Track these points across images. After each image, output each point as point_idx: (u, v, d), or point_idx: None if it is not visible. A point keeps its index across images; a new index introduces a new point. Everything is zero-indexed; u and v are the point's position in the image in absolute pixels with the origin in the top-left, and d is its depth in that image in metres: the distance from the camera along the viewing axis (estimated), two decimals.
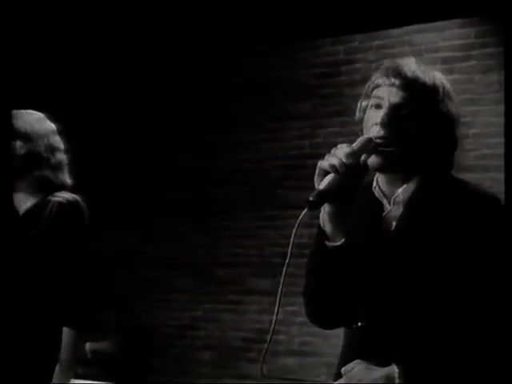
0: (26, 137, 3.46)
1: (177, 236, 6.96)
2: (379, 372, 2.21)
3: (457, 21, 5.80)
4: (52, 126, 3.55)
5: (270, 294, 6.18)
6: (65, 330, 3.31)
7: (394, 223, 2.34)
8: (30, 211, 3.46)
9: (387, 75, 2.31)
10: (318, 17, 5.90)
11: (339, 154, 2.21)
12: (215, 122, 6.89)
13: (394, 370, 2.19)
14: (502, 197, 4.59)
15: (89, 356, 6.34)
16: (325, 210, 2.25)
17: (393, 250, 2.31)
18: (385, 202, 2.37)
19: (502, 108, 5.59)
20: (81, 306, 3.35)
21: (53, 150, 3.48)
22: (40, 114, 3.58)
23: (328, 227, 2.27)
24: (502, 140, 5.56)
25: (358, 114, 2.37)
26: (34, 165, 3.45)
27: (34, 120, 3.54)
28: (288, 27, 6.19)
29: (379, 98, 2.31)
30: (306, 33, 6.24)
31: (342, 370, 2.23)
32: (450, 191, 2.32)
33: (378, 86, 2.33)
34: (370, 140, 2.25)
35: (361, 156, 2.23)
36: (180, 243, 6.93)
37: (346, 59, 6.31)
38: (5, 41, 4.12)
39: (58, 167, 3.49)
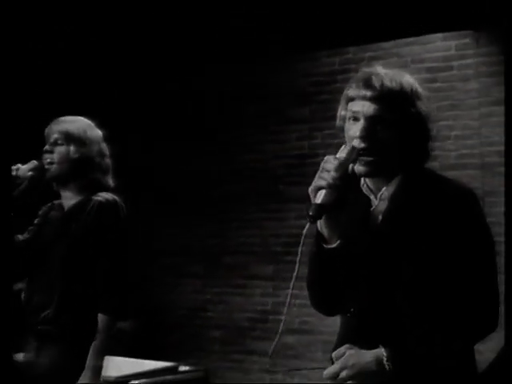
0: (81, 142, 3.56)
1: (189, 227, 7.17)
2: (369, 355, 2.31)
3: (439, 35, 5.92)
4: (100, 132, 3.67)
5: (272, 279, 6.67)
6: (100, 316, 3.38)
7: (379, 217, 2.44)
8: (74, 207, 3.58)
9: (359, 87, 2.40)
10: (316, 31, 5.99)
11: (329, 167, 2.32)
12: (226, 125, 7.04)
13: (381, 352, 2.30)
14: (478, 192, 4.92)
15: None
16: (323, 219, 2.37)
17: (379, 242, 2.41)
18: (372, 197, 2.48)
19: (477, 112, 5.75)
20: (116, 295, 3.44)
21: (102, 155, 3.62)
22: (89, 121, 3.68)
23: (325, 231, 2.38)
24: (478, 141, 5.73)
25: (338, 122, 2.46)
26: (87, 168, 3.57)
27: (87, 126, 3.64)
28: (290, 40, 6.27)
29: (355, 112, 2.40)
30: (305, 45, 6.35)
31: (333, 354, 2.36)
32: (430, 186, 2.43)
33: (352, 99, 2.41)
34: (353, 149, 2.36)
35: (348, 165, 2.34)
36: (192, 233, 7.16)
37: (340, 69, 6.42)
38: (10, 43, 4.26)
39: (106, 171, 3.63)
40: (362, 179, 2.47)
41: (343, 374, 2.30)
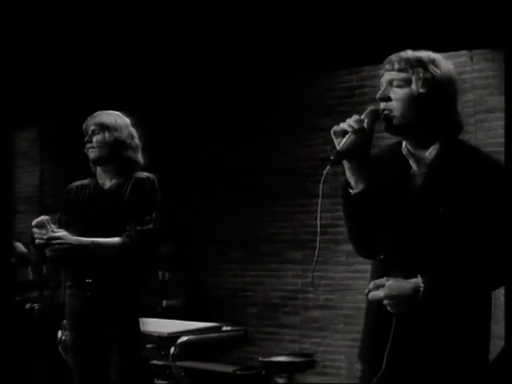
0: (113, 127, 3.87)
1: (230, 218, 7.60)
2: (407, 283, 2.38)
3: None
4: (128, 120, 3.96)
5: (301, 263, 7.08)
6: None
7: (421, 180, 2.52)
8: (116, 185, 3.86)
9: (384, 65, 2.56)
10: (337, 53, 6.11)
11: (349, 121, 2.44)
12: (264, 132, 7.37)
13: (419, 281, 2.37)
14: None
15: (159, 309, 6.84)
16: (347, 166, 2.47)
17: (419, 196, 2.49)
18: (411, 161, 2.56)
19: (473, 119, 6.04)
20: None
21: (132, 137, 3.92)
22: (118, 112, 3.98)
23: (351, 179, 2.48)
24: (475, 143, 5.48)
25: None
26: (121, 148, 3.86)
27: (117, 115, 3.94)
28: (315, 60, 6.39)
29: (381, 83, 2.55)
30: (328, 65, 6.54)
31: (372, 283, 2.44)
32: (466, 154, 2.51)
33: (381, 76, 2.56)
34: (373, 109, 2.48)
35: (365, 122, 2.44)
36: (233, 224, 7.58)
37: (358, 85, 6.74)
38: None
39: (136, 149, 3.92)
40: (403, 144, 2.58)
41: (386, 301, 2.40)
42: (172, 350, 4.48)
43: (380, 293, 2.39)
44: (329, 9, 5.61)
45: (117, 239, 3.70)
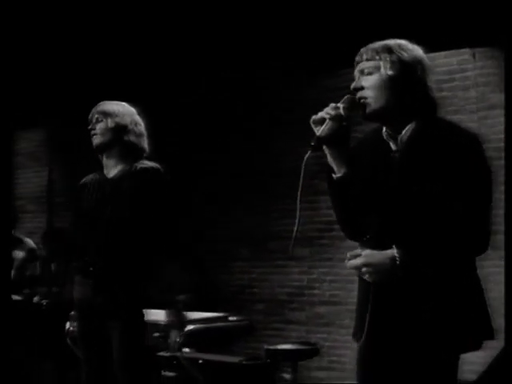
0: (115, 114, 3.90)
1: (239, 217, 7.66)
2: (383, 253, 2.47)
3: (443, 53, 6.24)
4: (133, 109, 4.00)
5: (307, 260, 7.13)
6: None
7: (398, 158, 2.61)
8: (118, 174, 3.87)
9: (355, 59, 2.67)
10: (337, 53, 5.85)
11: (327, 109, 2.57)
12: (270, 132, 7.39)
13: (394, 251, 2.46)
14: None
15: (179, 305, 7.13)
16: (327, 151, 2.60)
17: (398, 174, 2.57)
18: (391, 142, 2.65)
19: (476, 116, 6.11)
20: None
21: (136, 123, 3.93)
22: (124, 102, 4.01)
23: (333, 164, 2.61)
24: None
25: None
26: (122, 133, 3.88)
27: (120, 105, 3.99)
28: (315, 60, 6.44)
29: (354, 76, 2.67)
30: (328, 65, 6.51)
31: (348, 254, 2.52)
32: (441, 129, 2.57)
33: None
34: (349, 97, 2.60)
35: (341, 108, 2.55)
36: (241, 222, 7.64)
37: None
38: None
39: (140, 135, 3.93)
40: (383, 128, 2.66)
41: (364, 269, 2.49)
42: (178, 338, 4.50)
43: (357, 261, 2.48)
44: (329, 8, 5.66)
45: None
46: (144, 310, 3.84)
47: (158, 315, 4.36)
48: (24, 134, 10.04)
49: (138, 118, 3.96)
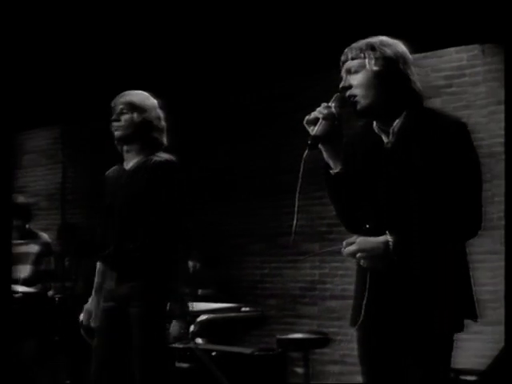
0: (142, 109, 3.87)
1: (251, 212, 7.78)
2: (376, 239, 2.54)
3: (453, 49, 6.40)
4: (156, 101, 3.97)
5: (318, 255, 7.25)
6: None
7: (390, 148, 2.68)
8: (135, 167, 3.88)
9: (341, 60, 2.71)
10: None
11: (319, 109, 2.63)
12: (279, 132, 7.48)
13: (387, 238, 2.53)
14: (486, 176, 4.72)
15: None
16: (323, 149, 2.67)
17: (391, 163, 2.64)
18: (383, 135, 2.70)
19: (486, 111, 6.21)
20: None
21: (159, 118, 3.93)
22: (146, 93, 3.98)
23: (329, 161, 2.68)
24: (487, 134, 6.08)
25: None
26: (146, 129, 3.87)
27: (145, 96, 3.95)
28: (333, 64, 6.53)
29: (341, 76, 2.71)
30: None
31: (344, 242, 2.58)
32: (429, 118, 2.64)
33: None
34: (338, 95, 2.65)
35: (332, 107, 2.61)
36: (253, 218, 7.75)
37: None
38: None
39: (162, 131, 3.94)
40: (374, 123, 2.72)
41: (358, 254, 2.55)
42: (192, 327, 4.59)
43: (352, 248, 2.54)
44: (343, 12, 5.71)
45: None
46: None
47: None
48: (37, 131, 10.14)
49: (160, 112, 3.97)
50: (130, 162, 3.92)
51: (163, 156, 3.86)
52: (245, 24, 6.10)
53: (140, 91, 3.99)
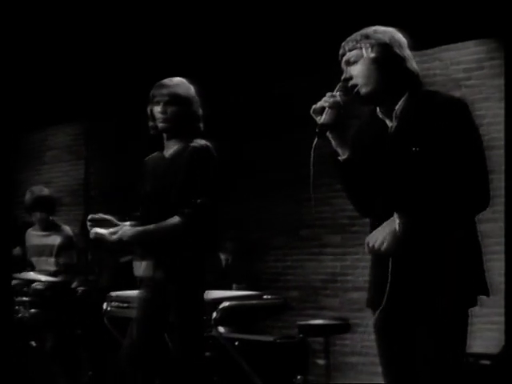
0: (189, 102, 3.90)
1: (272, 207, 7.81)
2: (388, 225, 2.62)
3: (471, 42, 6.44)
4: (193, 89, 3.99)
5: (340, 247, 7.26)
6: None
7: (393, 131, 2.76)
8: (174, 154, 3.94)
9: (339, 55, 2.81)
10: None
11: (324, 98, 2.73)
12: (300, 132, 7.46)
13: (395, 219, 2.61)
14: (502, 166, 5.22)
15: None
16: (331, 137, 2.74)
17: (396, 144, 2.72)
18: (387, 120, 2.79)
19: (503, 103, 6.16)
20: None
21: (199, 106, 3.98)
22: (184, 80, 3.99)
23: (338, 148, 2.76)
24: (503, 127, 6.10)
25: None
26: (190, 120, 3.92)
27: (188, 86, 3.97)
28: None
29: (342, 69, 2.81)
30: None
31: (367, 238, 2.68)
32: (429, 98, 2.71)
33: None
34: (342, 84, 2.76)
35: (337, 96, 2.71)
36: (275, 212, 7.78)
37: None
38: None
39: (201, 120, 3.99)
40: (378, 108, 2.81)
41: (378, 245, 2.64)
42: (214, 314, 4.62)
43: (366, 247, 2.66)
44: (347, 10, 5.76)
45: (172, 221, 3.77)
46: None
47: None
48: (60, 127, 10.22)
49: (199, 100, 3.99)
50: (169, 150, 3.96)
51: (200, 142, 3.88)
52: (254, 23, 6.21)
53: (179, 79, 3.98)
